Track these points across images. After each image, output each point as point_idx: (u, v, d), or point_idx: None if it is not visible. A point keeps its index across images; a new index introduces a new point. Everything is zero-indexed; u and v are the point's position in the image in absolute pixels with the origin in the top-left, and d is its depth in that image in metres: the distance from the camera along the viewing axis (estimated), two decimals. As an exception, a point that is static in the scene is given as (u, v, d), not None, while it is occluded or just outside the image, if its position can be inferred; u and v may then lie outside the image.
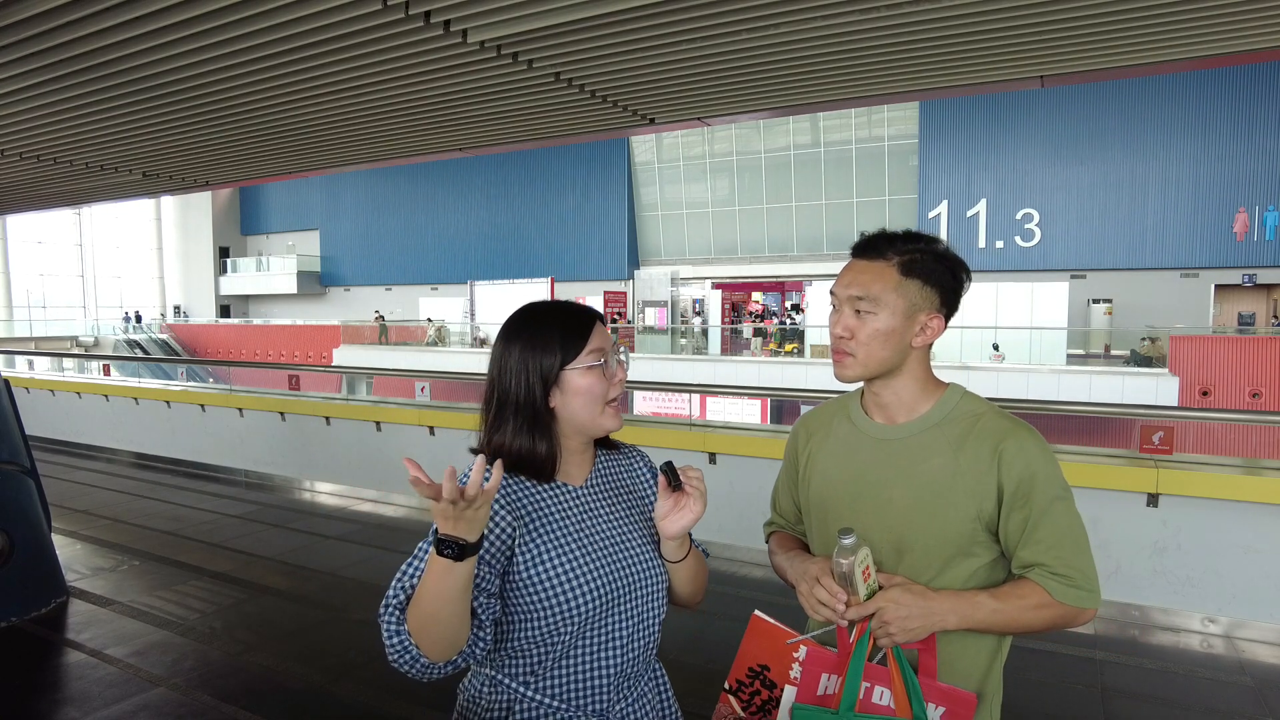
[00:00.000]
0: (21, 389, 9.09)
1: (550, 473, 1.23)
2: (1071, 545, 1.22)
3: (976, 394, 1.34)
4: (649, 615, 1.27)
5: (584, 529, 1.23)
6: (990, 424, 1.26)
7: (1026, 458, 1.23)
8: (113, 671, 3.39)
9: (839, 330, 1.30)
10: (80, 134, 3.68)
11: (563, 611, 1.16)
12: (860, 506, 1.31)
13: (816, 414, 1.48)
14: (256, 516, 6.09)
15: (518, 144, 4.02)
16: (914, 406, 1.32)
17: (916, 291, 1.27)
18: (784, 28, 2.34)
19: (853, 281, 1.29)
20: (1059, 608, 1.21)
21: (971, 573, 1.26)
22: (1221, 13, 2.22)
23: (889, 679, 1.21)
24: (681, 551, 1.29)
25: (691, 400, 6.32)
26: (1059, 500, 1.23)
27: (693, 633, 3.69)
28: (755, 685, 1.35)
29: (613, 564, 1.22)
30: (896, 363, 1.30)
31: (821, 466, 1.40)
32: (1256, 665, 3.49)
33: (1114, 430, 5.62)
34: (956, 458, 1.25)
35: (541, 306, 1.28)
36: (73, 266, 33.10)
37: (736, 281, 24.12)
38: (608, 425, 1.25)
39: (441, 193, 29.13)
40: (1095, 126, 19.58)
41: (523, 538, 1.18)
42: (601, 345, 1.24)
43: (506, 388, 1.21)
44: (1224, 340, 15.48)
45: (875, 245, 1.30)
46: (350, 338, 24.05)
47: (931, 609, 1.20)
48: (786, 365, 16.70)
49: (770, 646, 1.34)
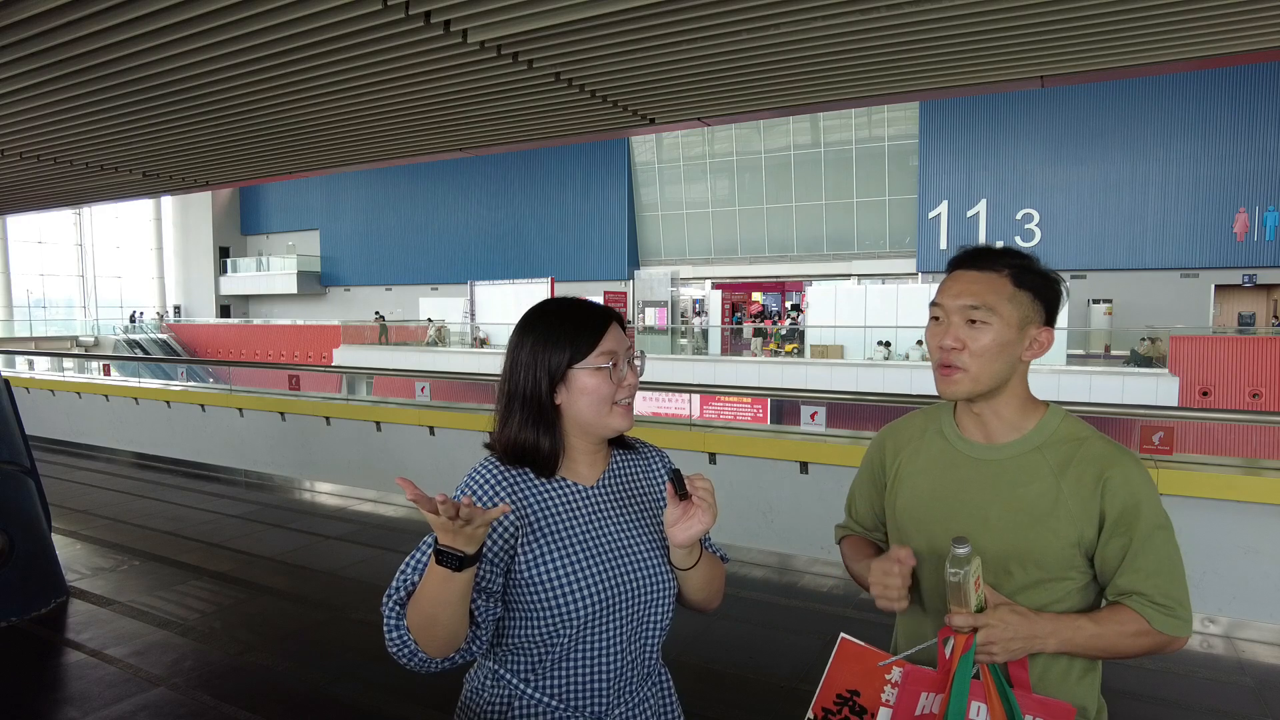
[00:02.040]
0: (21, 389, 9.09)
1: (552, 468, 1.23)
2: (1170, 575, 1.22)
3: (1077, 416, 1.32)
4: (651, 621, 1.26)
5: (589, 530, 1.22)
6: (1095, 450, 1.25)
7: (1131, 487, 1.22)
8: (113, 671, 3.39)
9: (949, 341, 1.26)
10: (80, 134, 3.67)
11: (562, 612, 1.16)
12: (954, 524, 1.29)
13: (904, 426, 1.46)
14: (256, 516, 6.09)
15: (518, 144, 4.02)
16: (1015, 426, 1.30)
17: (1028, 303, 1.26)
18: (784, 28, 2.34)
19: (964, 291, 1.26)
20: (1155, 635, 1.21)
21: (1064, 594, 1.25)
22: (1221, 13, 2.22)
23: (985, 694, 1.20)
24: (690, 559, 1.26)
25: (691, 400, 6.32)
26: (1160, 530, 1.22)
27: (694, 633, 3.69)
28: (844, 713, 1.28)
29: (615, 568, 1.21)
30: (1006, 376, 1.27)
31: (912, 481, 1.38)
32: (1256, 665, 3.49)
33: (1114, 430, 5.61)
34: (1059, 483, 1.24)
35: (558, 303, 1.28)
36: (73, 266, 33.09)
37: (736, 281, 24.13)
38: (615, 425, 1.25)
39: (441, 193, 29.13)
40: (1095, 126, 19.58)
41: (525, 536, 1.19)
42: (613, 347, 1.23)
43: (516, 381, 1.23)
44: (1224, 340, 15.46)
45: (984, 256, 1.29)
46: (350, 338, 24.03)
47: (1035, 631, 1.19)
48: (786, 365, 16.70)
49: (860, 670, 1.28)
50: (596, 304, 1.30)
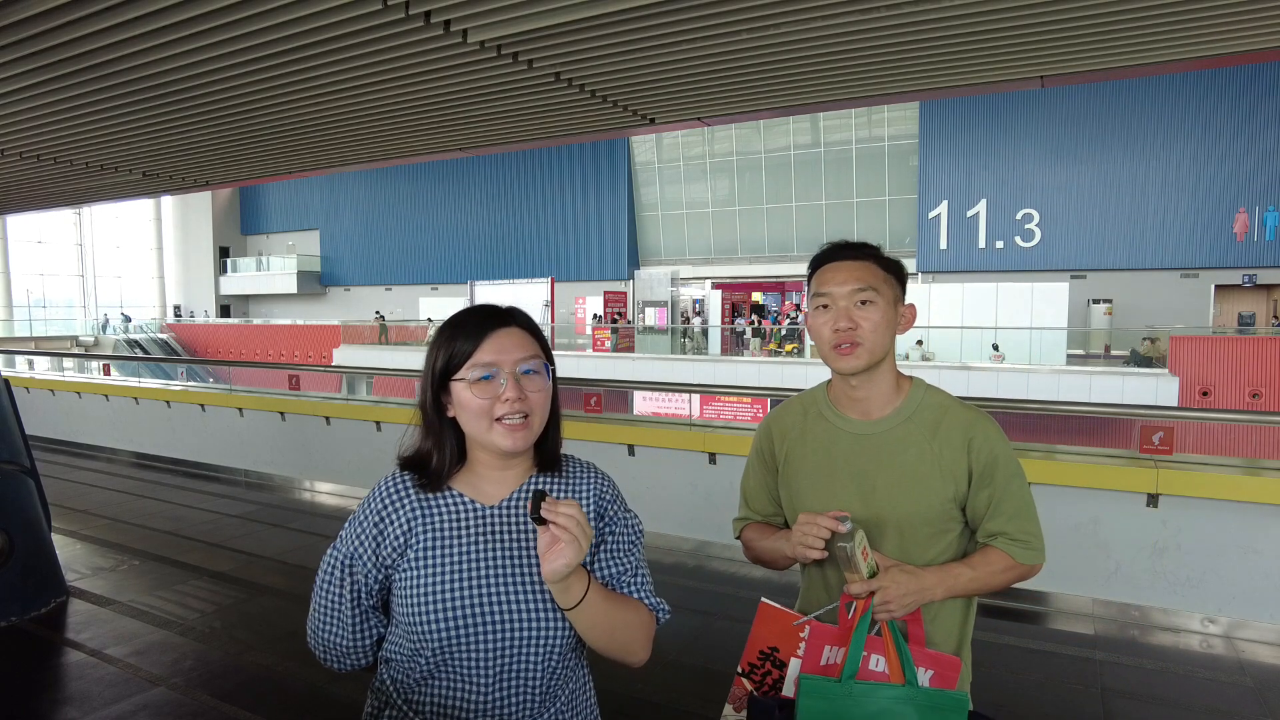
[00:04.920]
0: (21, 389, 9.09)
1: (436, 482, 1.19)
2: (1026, 515, 1.43)
3: (935, 385, 1.51)
4: (527, 659, 1.13)
5: (470, 551, 1.15)
6: (958, 415, 1.45)
7: (991, 444, 1.42)
8: (112, 671, 3.39)
9: (844, 323, 1.42)
10: (80, 134, 3.67)
11: (421, 629, 1.12)
12: (845, 495, 1.46)
13: (784, 413, 1.61)
14: (256, 516, 6.09)
15: (518, 144, 4.02)
16: (888, 401, 1.48)
17: (895, 283, 1.47)
18: (784, 28, 2.34)
19: (850, 278, 1.43)
20: (1019, 568, 1.43)
21: (947, 545, 1.45)
22: (1221, 13, 2.22)
23: (884, 648, 1.36)
24: (568, 598, 1.09)
25: (691, 400, 6.33)
26: (1016, 478, 1.43)
27: (693, 633, 3.69)
28: (766, 666, 1.44)
29: (486, 594, 1.12)
30: (889, 348, 1.46)
31: (801, 461, 1.53)
32: (1256, 665, 3.49)
33: (1114, 430, 5.62)
34: (932, 445, 1.43)
35: (463, 311, 1.21)
36: (73, 266, 33.10)
37: (736, 281, 24.14)
38: (498, 444, 1.15)
39: (441, 193, 29.13)
40: (1095, 126, 19.58)
41: (409, 549, 1.17)
42: (492, 359, 1.14)
43: (418, 390, 1.22)
44: (1224, 340, 15.47)
45: (851, 248, 1.48)
46: (350, 338, 24.05)
47: (924, 585, 1.37)
48: (786, 365, 16.70)
49: (778, 630, 1.44)
50: (498, 308, 1.20)
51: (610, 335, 20.15)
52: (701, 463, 4.99)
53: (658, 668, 1.47)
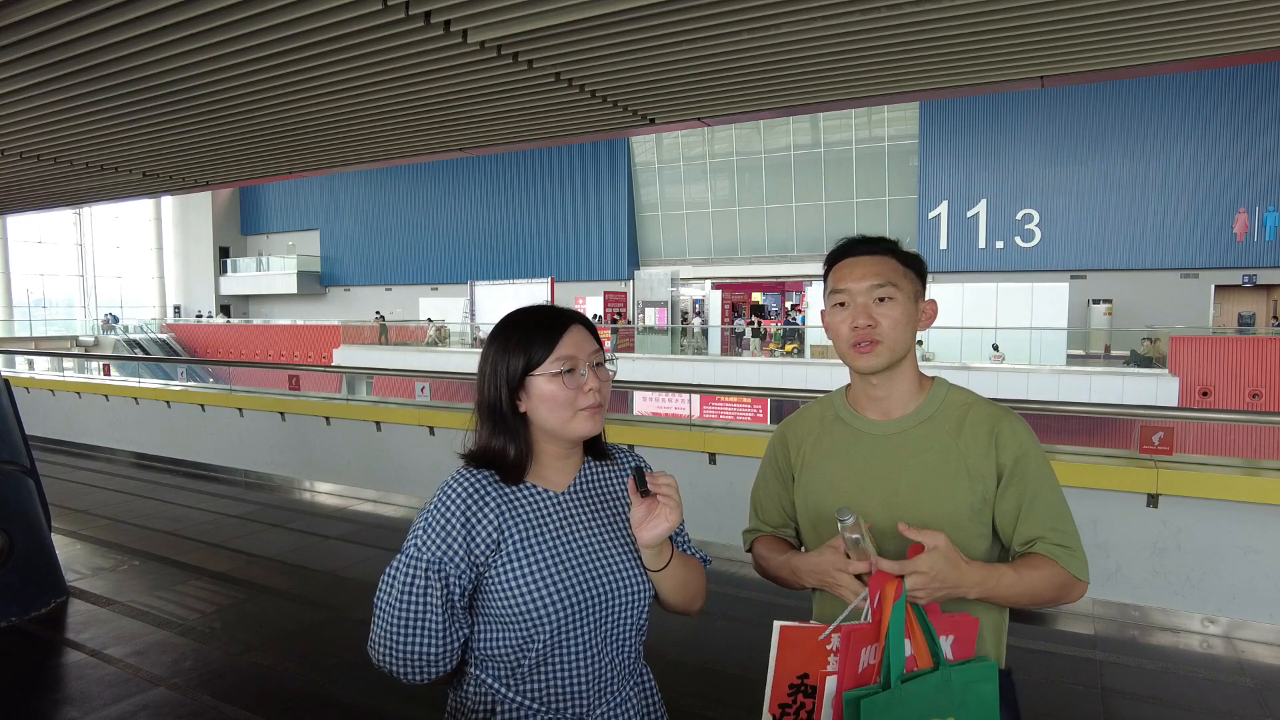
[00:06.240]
0: (21, 389, 9.09)
1: (518, 475, 1.24)
2: (1065, 519, 1.31)
3: (959, 385, 1.43)
4: (626, 623, 1.26)
5: (559, 536, 1.22)
6: (983, 412, 1.37)
7: (1019, 439, 1.33)
8: (112, 671, 3.39)
9: (863, 320, 1.34)
10: (80, 134, 3.68)
11: (534, 619, 1.17)
12: (866, 500, 1.36)
13: (801, 418, 1.54)
14: (256, 516, 6.09)
15: (518, 144, 4.02)
16: (909, 400, 1.40)
17: (915, 278, 1.39)
18: (785, 28, 2.34)
19: (868, 274, 1.35)
20: (1064, 576, 1.28)
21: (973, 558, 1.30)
22: (1222, 13, 2.22)
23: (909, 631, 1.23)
24: (660, 560, 1.26)
25: (691, 400, 6.33)
26: (1047, 479, 1.33)
27: (693, 633, 3.69)
28: (799, 700, 1.25)
29: (585, 572, 1.21)
30: (910, 345, 1.38)
31: (820, 467, 1.45)
32: (1256, 666, 3.49)
33: (1114, 431, 5.62)
34: (956, 443, 1.34)
35: (520, 312, 1.28)
36: (73, 266, 33.09)
37: (736, 282, 24.13)
38: (580, 430, 1.24)
39: (441, 193, 29.13)
40: (1095, 127, 19.58)
41: (504, 542, 1.19)
42: (571, 352, 1.23)
43: (482, 391, 1.26)
44: (1224, 341, 15.46)
45: (868, 243, 1.40)
46: (350, 338, 24.04)
47: (961, 579, 1.23)
48: (786, 365, 16.70)
49: (805, 652, 1.25)
50: (559, 309, 1.29)
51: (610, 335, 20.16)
52: (701, 463, 4.99)
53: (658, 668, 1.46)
